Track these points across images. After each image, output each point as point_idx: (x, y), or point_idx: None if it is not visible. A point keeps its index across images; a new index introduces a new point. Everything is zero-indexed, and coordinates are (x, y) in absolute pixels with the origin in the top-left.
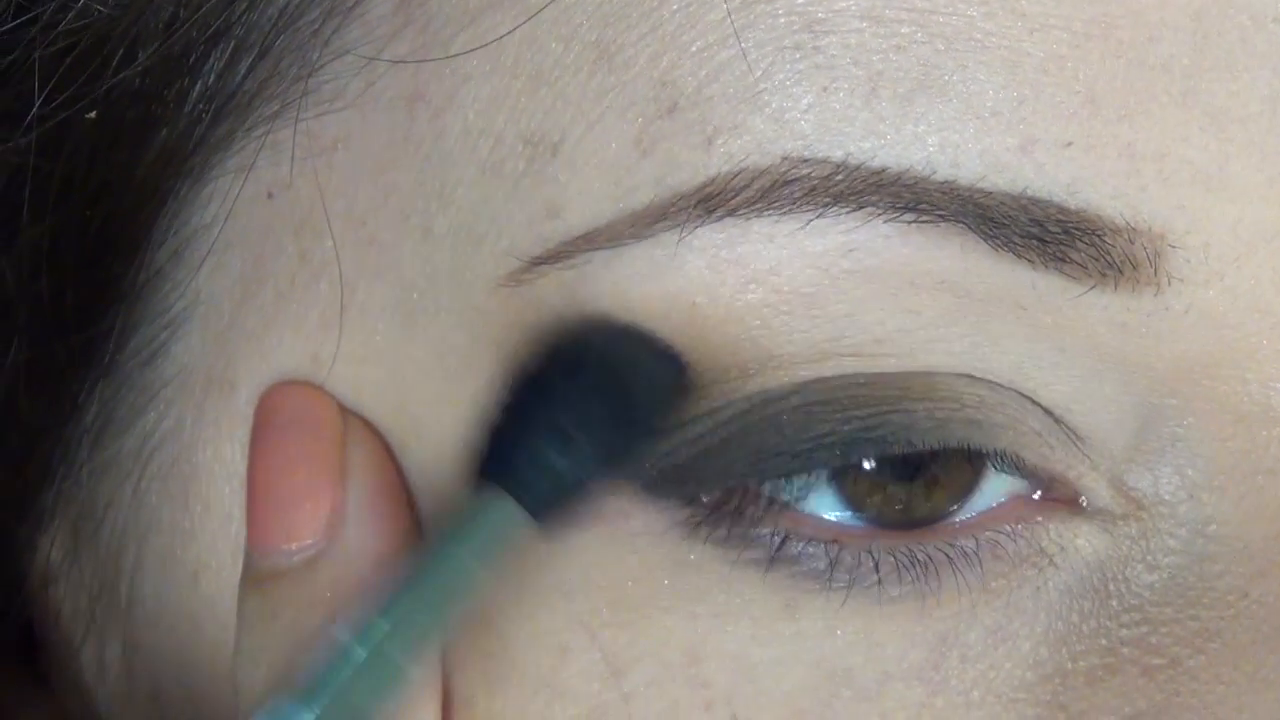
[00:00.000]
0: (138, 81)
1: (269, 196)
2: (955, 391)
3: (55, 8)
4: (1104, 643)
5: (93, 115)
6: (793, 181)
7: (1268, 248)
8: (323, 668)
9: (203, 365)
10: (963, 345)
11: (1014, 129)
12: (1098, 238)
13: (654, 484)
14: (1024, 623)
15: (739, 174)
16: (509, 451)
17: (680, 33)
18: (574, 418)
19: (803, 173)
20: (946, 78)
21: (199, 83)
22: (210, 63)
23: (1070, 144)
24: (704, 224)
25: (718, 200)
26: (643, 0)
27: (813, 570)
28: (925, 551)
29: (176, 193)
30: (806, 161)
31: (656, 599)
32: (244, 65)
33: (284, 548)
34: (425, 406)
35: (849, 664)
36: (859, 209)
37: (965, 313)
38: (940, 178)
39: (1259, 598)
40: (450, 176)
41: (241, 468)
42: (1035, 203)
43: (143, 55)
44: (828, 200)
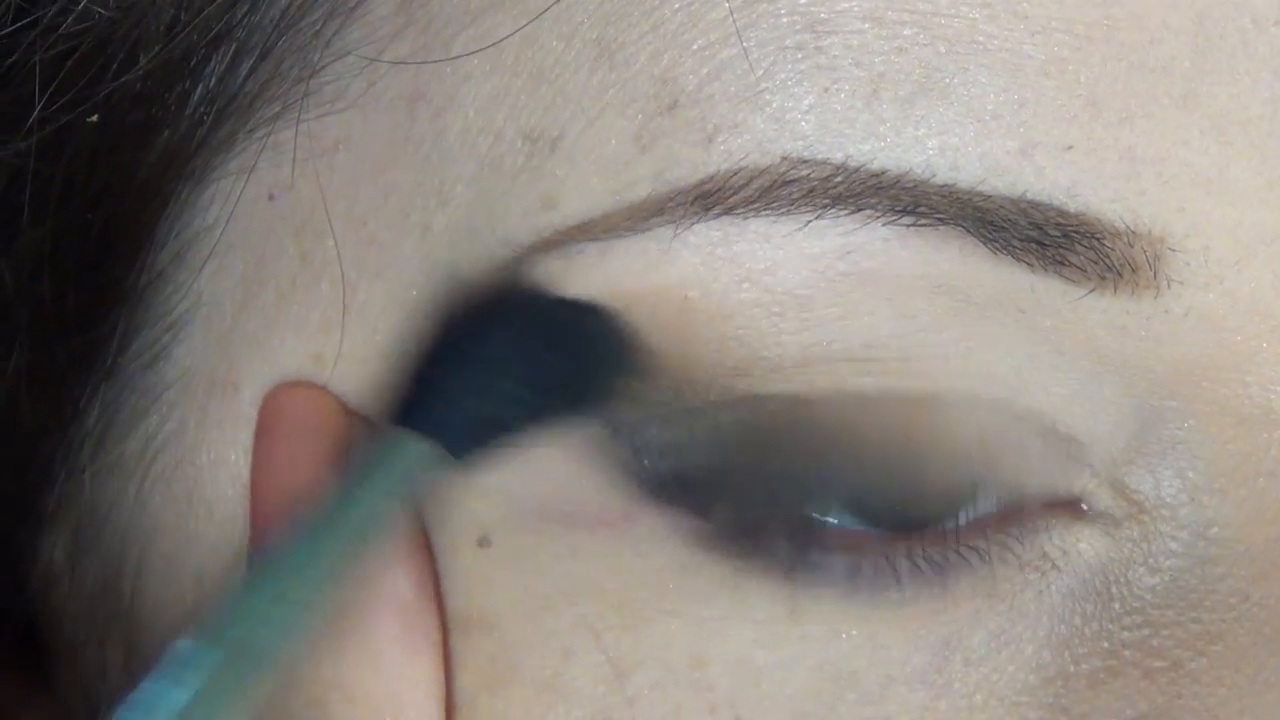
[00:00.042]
0: (139, 84)
1: (270, 198)
2: (961, 431)
3: (55, 11)
4: (1106, 645)
5: (94, 119)
6: (792, 182)
7: (1268, 251)
8: (226, 607)
9: (205, 367)
10: (959, 349)
11: (1014, 132)
12: (1097, 241)
13: (659, 489)
14: (1027, 626)
15: (738, 172)
16: (423, 393)
17: (682, 31)
18: (493, 361)
19: (802, 173)
20: (948, 80)
21: (200, 85)
22: (211, 65)
23: (1071, 147)
24: (700, 220)
25: (716, 198)
26: None
27: (829, 579)
28: (943, 554)
29: (178, 195)
30: (806, 162)
31: (661, 602)
32: (245, 67)
33: None
34: None
35: (853, 667)
36: (857, 211)
37: (963, 316)
38: (940, 181)
39: (1260, 600)
40: (449, 174)
41: (245, 470)
42: (1035, 206)
43: (144, 58)
44: (826, 202)
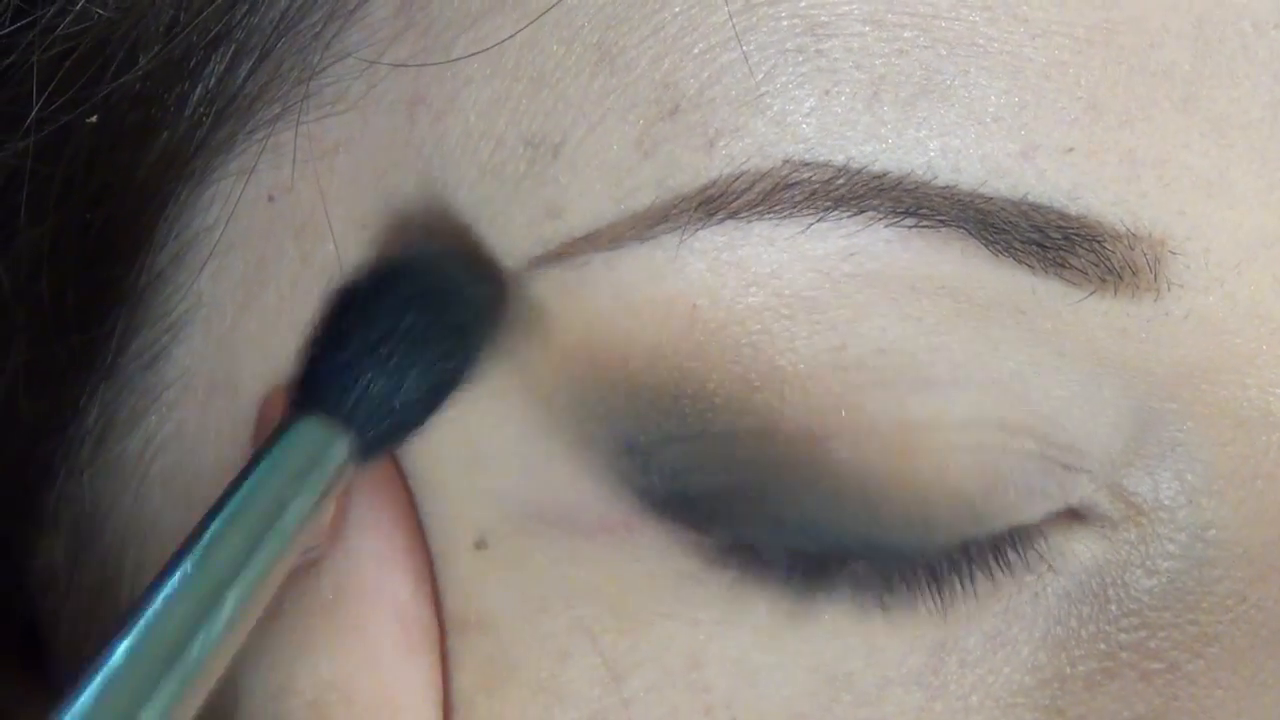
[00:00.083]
0: (138, 85)
1: (270, 199)
2: (967, 493)
3: (54, 11)
4: (1103, 647)
5: (93, 119)
6: (794, 185)
7: (1268, 254)
8: (138, 599)
9: (205, 368)
10: (963, 351)
11: (1015, 134)
12: (1098, 244)
13: (663, 505)
14: (1022, 628)
15: (740, 177)
16: (324, 373)
17: (682, 35)
18: (388, 332)
19: (804, 176)
20: (948, 83)
21: (200, 86)
22: (211, 66)
23: (1071, 150)
24: (705, 226)
25: (719, 203)
26: (645, 3)
27: (821, 595)
28: (939, 564)
29: (177, 196)
30: (808, 165)
31: (658, 605)
32: (245, 68)
33: None
34: None
35: (849, 669)
36: (860, 213)
37: (965, 318)
38: (941, 183)
39: (1258, 602)
40: (451, 179)
41: None
42: (1036, 208)
43: (143, 59)
44: (828, 204)
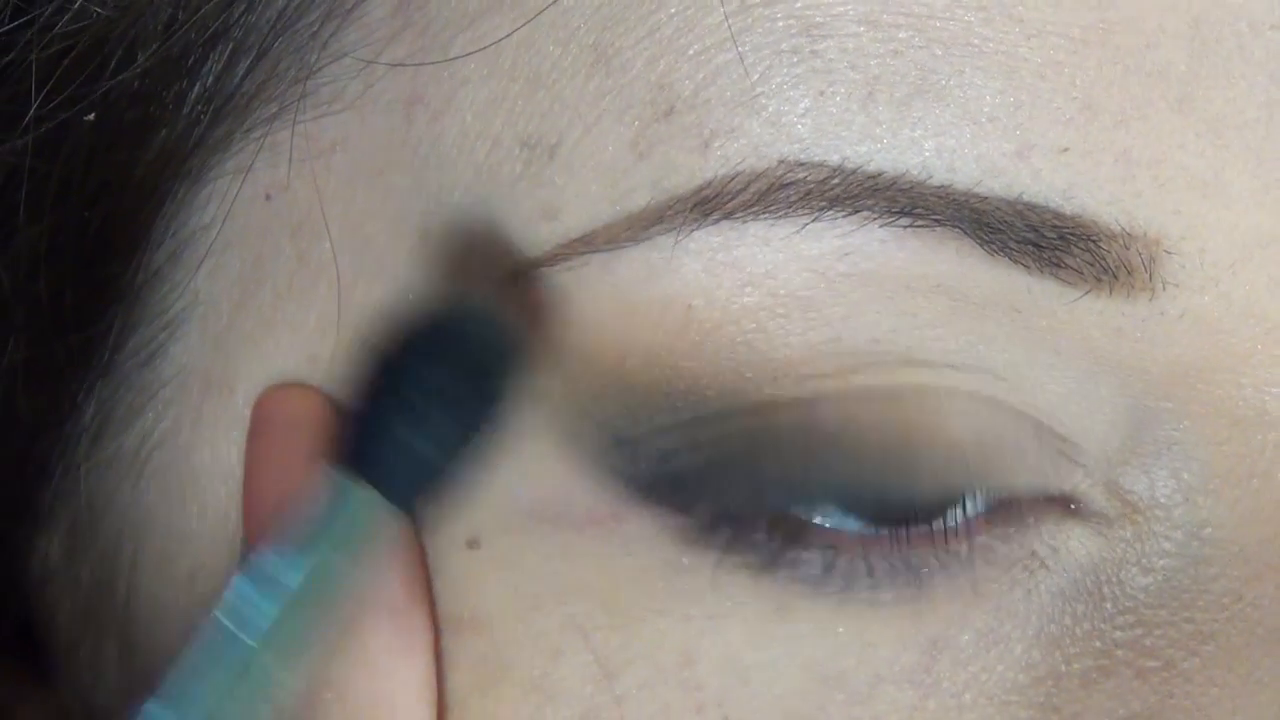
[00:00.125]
0: (136, 83)
1: (267, 198)
2: (958, 440)
3: (53, 9)
4: (1098, 645)
5: (91, 117)
6: (789, 185)
7: (1263, 254)
8: (190, 671)
9: (201, 366)
10: (959, 345)
11: (1010, 134)
12: (1093, 243)
13: (649, 489)
14: (1015, 625)
15: (735, 177)
16: (364, 436)
17: (678, 36)
18: (428, 393)
19: (799, 176)
20: (943, 83)
21: (197, 84)
22: (208, 64)
23: (1066, 150)
24: (700, 227)
25: (714, 203)
26: (640, 4)
27: (806, 575)
28: (919, 557)
29: (175, 194)
30: (803, 165)
31: (650, 601)
32: (242, 67)
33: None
34: None
35: (841, 667)
36: (855, 213)
37: (961, 316)
38: (936, 182)
39: (1254, 600)
40: (447, 179)
41: (238, 469)
42: (1031, 208)
43: (141, 57)
44: (824, 204)
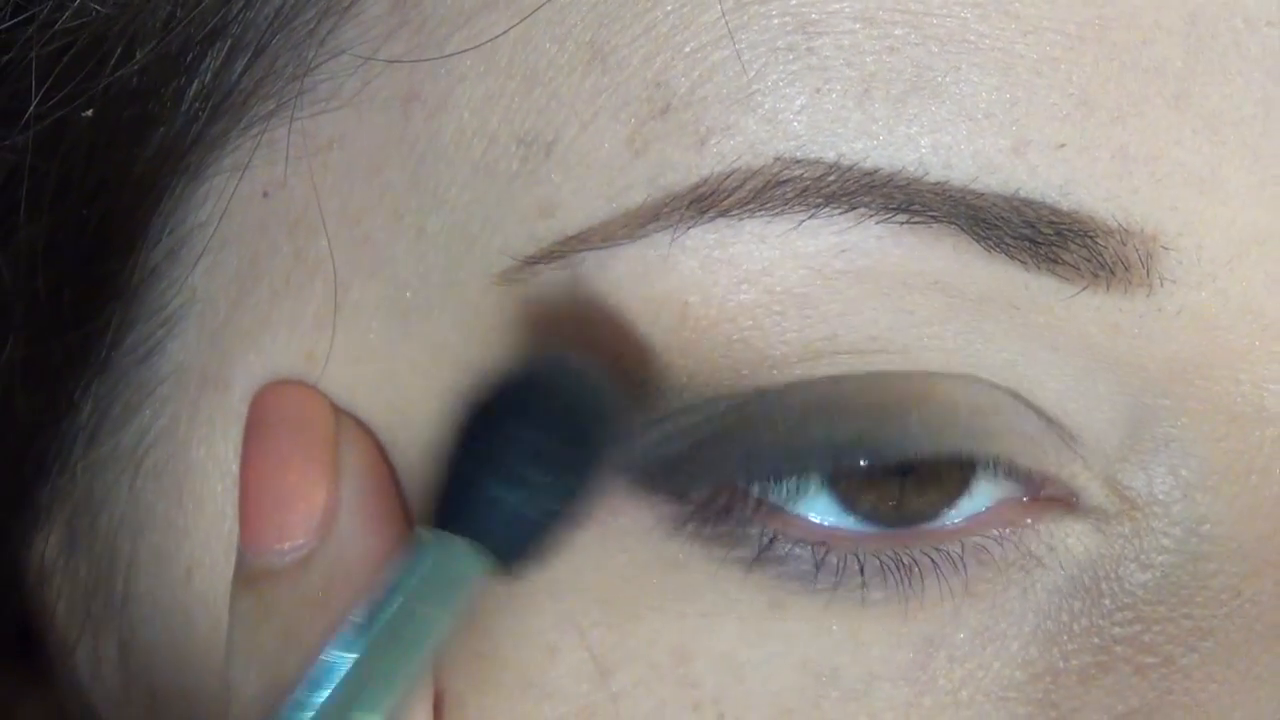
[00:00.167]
0: (135, 80)
1: (264, 195)
2: (951, 399)
3: (52, 6)
4: (1096, 641)
5: (90, 114)
6: (785, 182)
7: (1260, 250)
8: None
9: (198, 363)
10: (956, 343)
11: (1007, 130)
12: (1090, 239)
13: (644, 478)
14: (1011, 623)
15: (731, 174)
16: (465, 494)
17: (674, 33)
18: (526, 454)
19: (795, 173)
20: (940, 79)
21: (195, 81)
22: (207, 61)
23: (1063, 146)
24: (696, 224)
25: (710, 201)
26: (637, 1)
27: (797, 571)
28: (910, 555)
29: (173, 191)
30: (799, 162)
31: (645, 598)
32: (240, 64)
33: (276, 547)
34: (418, 405)
35: (836, 664)
36: (851, 210)
37: (958, 312)
38: (933, 179)
39: (1252, 596)
40: (444, 176)
41: (235, 466)
42: (1028, 204)
43: (140, 54)
44: (820, 201)
